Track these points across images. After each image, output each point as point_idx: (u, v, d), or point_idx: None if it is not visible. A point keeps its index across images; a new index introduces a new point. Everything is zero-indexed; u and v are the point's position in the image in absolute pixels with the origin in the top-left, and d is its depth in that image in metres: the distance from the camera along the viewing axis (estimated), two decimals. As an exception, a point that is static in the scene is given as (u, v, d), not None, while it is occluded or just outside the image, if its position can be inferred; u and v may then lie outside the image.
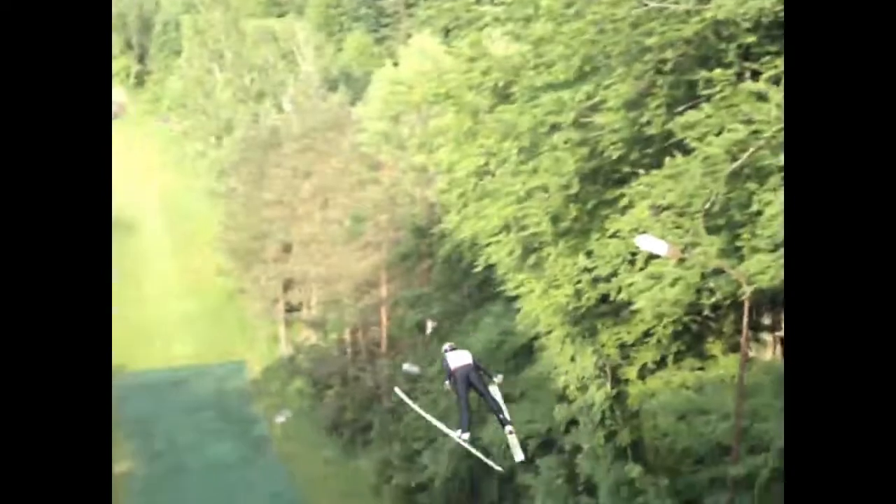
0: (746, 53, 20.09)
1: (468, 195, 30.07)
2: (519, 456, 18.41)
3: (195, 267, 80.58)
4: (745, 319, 22.11)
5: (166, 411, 61.25)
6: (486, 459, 20.24)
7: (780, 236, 18.22)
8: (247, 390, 65.68)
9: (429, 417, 20.21)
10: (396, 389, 22.37)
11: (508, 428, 17.60)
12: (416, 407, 21.54)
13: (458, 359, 16.97)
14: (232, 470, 54.15)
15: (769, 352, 27.52)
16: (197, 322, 73.80)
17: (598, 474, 27.04)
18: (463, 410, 17.00)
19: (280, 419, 60.45)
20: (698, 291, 22.50)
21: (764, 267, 19.57)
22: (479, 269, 31.09)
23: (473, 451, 19.12)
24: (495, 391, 17.33)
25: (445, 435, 36.60)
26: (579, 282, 26.66)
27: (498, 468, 21.12)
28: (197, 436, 58.20)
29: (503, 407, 17.35)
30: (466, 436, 17.15)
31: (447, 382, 17.12)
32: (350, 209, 55.15)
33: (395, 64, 74.78)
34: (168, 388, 64.42)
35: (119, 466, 54.52)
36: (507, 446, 29.00)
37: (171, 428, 59.32)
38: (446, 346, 18.02)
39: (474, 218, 30.33)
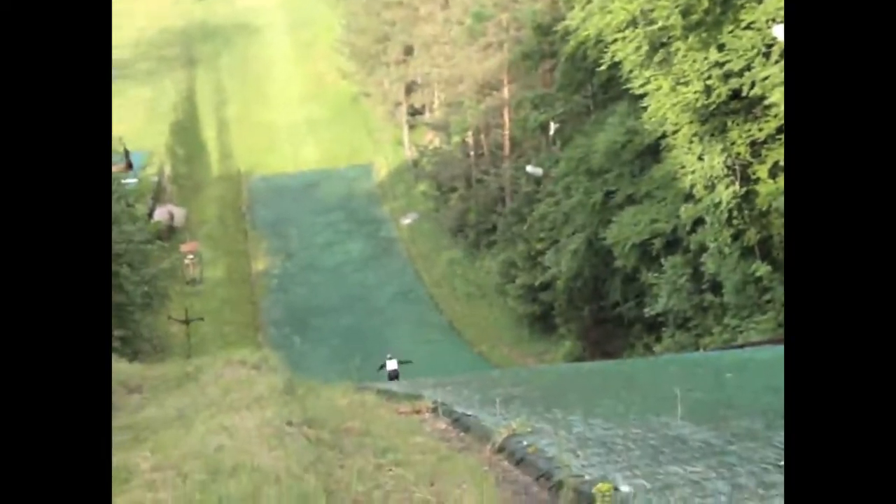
0: None
1: (593, -12, 28.88)
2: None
3: (318, 71, 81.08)
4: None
5: (298, 213, 63.48)
6: None
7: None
8: (374, 192, 67.15)
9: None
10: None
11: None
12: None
13: (391, 364, 31.37)
14: (362, 269, 56.31)
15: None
16: (322, 126, 74.97)
17: (724, 272, 26.89)
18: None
19: (406, 221, 61.96)
20: (838, 84, 21.34)
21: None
22: (603, 66, 30.27)
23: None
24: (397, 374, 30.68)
25: (571, 234, 37.10)
26: (709, 77, 25.66)
27: None
28: (328, 236, 60.38)
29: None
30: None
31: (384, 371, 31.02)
32: (471, 8, 53.80)
33: None
34: (298, 191, 66.47)
35: (257, 265, 57.51)
36: (632, 245, 29.90)
37: (304, 229, 61.63)
38: (388, 354, 32.65)
39: (599, 13, 29.23)
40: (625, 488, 5.41)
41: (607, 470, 5.93)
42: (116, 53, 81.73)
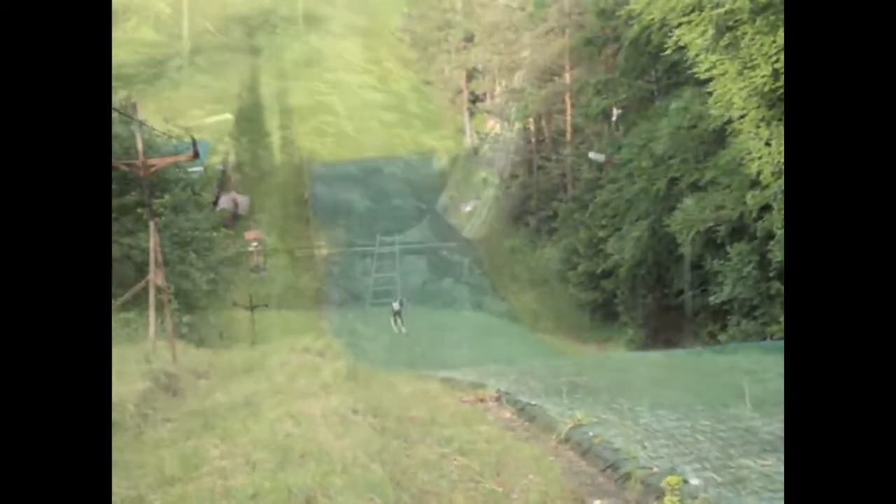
0: None
1: (658, -29, 28.46)
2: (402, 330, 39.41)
3: (380, 59, 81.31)
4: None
5: (359, 200, 63.83)
6: None
7: None
8: (435, 180, 67.24)
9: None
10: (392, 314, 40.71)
11: (400, 323, 40.14)
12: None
13: (395, 305, 40.31)
14: (423, 256, 56.46)
15: None
16: (384, 113, 75.25)
17: (792, 261, 26.38)
18: (395, 320, 40.11)
19: (467, 208, 61.90)
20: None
21: None
22: (668, 51, 29.83)
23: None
24: (403, 312, 39.96)
25: (634, 221, 36.75)
26: (778, 61, 25.12)
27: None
28: (389, 223, 60.62)
29: (402, 319, 40.11)
30: (395, 328, 40.32)
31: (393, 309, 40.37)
32: (532, -7, 53.49)
33: None
34: (360, 178, 66.82)
35: (319, 252, 58.01)
36: (696, 232, 29.37)
37: (365, 216, 61.96)
38: (396, 297, 42.36)
39: (664, -4, 28.74)
40: (694, 481, 5.33)
41: (676, 462, 5.85)
42: (183, 42, 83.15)
